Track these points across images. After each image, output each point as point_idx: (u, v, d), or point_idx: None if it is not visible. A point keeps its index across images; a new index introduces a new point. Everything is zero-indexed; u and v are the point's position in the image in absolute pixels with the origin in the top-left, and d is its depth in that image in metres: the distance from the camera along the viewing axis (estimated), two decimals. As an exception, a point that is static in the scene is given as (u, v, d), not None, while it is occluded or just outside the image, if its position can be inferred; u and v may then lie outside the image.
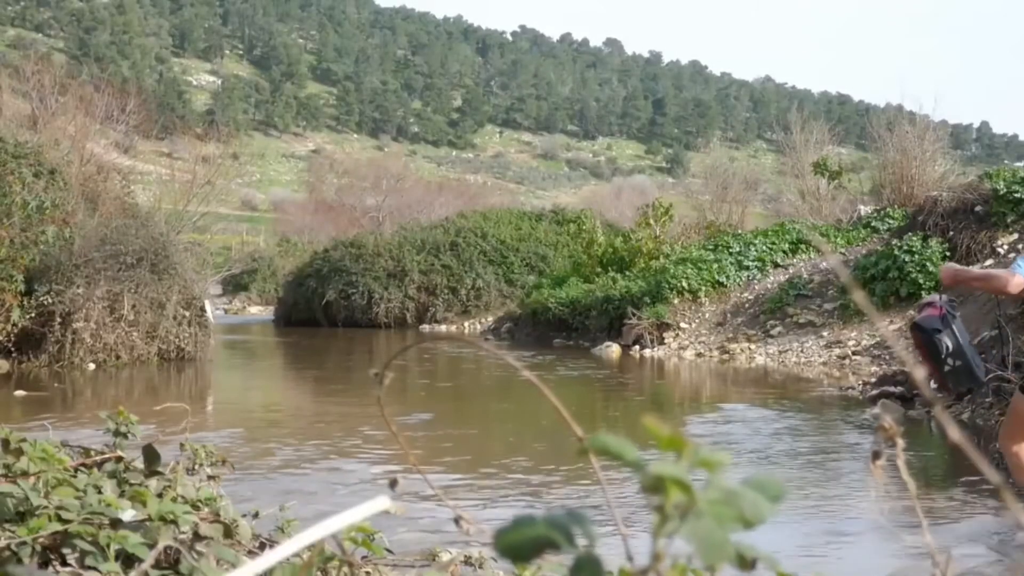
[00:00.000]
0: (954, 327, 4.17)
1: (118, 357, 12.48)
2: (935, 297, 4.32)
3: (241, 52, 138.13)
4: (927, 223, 14.30)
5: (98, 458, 2.02)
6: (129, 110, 25.46)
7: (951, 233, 13.88)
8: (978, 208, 13.94)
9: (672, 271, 16.72)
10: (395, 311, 23.98)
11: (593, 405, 10.10)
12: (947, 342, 4.14)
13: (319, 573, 1.65)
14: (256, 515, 2.21)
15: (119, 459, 2.00)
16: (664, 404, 9.93)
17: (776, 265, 17.03)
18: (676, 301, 16.26)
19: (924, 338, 4.24)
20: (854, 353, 12.94)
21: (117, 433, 2.07)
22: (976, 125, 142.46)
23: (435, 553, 2.25)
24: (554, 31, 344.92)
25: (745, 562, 0.61)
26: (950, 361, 4.17)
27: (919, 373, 0.75)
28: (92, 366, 12.19)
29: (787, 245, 17.51)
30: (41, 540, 1.56)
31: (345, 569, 1.59)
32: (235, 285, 38.37)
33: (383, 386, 0.92)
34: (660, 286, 16.45)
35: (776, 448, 6.98)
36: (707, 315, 16.18)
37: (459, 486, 5.62)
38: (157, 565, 1.57)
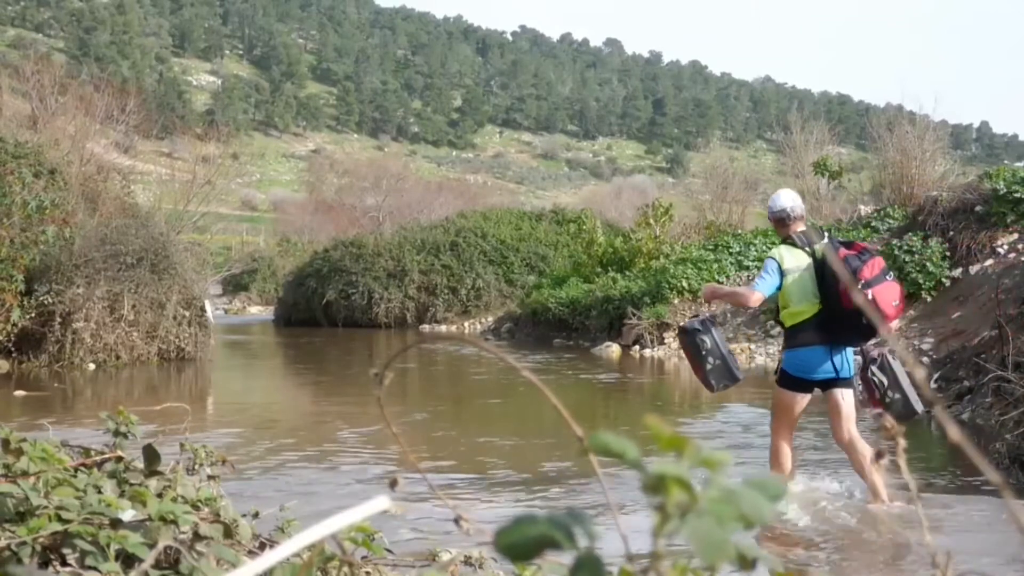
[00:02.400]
0: (713, 332, 4.92)
1: (118, 357, 12.48)
2: (703, 315, 5.20)
3: (241, 52, 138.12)
4: (927, 223, 14.30)
5: (98, 458, 2.02)
6: (129, 110, 25.44)
7: (951, 233, 13.89)
8: (978, 208, 13.94)
9: (672, 271, 16.72)
10: (395, 311, 23.97)
11: (593, 405, 10.10)
12: (706, 342, 4.91)
13: (319, 573, 1.65)
14: (256, 515, 2.21)
15: (119, 459, 2.00)
16: (664, 404, 9.93)
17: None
18: (676, 301, 16.26)
19: (687, 339, 5.02)
20: (854, 353, 12.93)
21: (117, 433, 2.07)
22: (976, 125, 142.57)
23: (435, 553, 2.25)
24: (554, 31, 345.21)
25: (745, 562, 0.61)
26: (710, 360, 4.91)
27: (919, 373, 0.75)
28: (92, 366, 12.19)
29: (787, 245, 17.50)
30: (41, 540, 1.56)
31: (345, 569, 1.59)
32: (235, 285, 38.36)
33: (383, 386, 0.92)
34: (660, 286, 16.46)
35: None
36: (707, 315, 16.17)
37: (459, 486, 5.62)
38: (157, 565, 1.57)
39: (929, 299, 13.40)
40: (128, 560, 1.57)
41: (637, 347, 15.61)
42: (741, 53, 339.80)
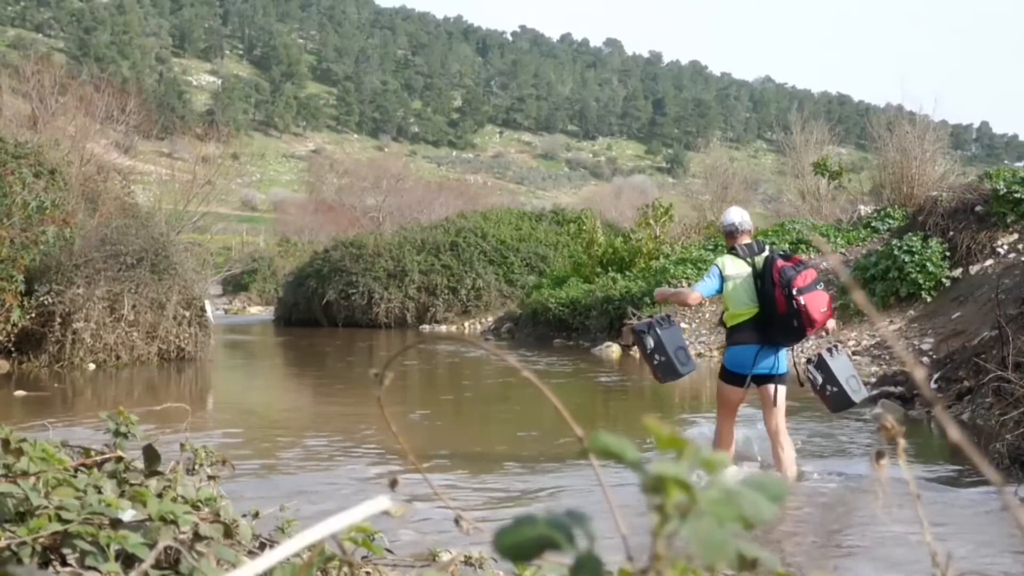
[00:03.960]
0: (659, 331, 5.59)
1: (118, 357, 12.48)
2: (657, 316, 5.81)
3: (241, 52, 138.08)
4: (927, 223, 14.30)
5: (98, 458, 2.02)
6: (129, 110, 25.46)
7: (951, 233, 13.88)
8: (978, 208, 13.94)
9: (672, 271, 16.72)
10: (395, 311, 23.97)
11: (593, 405, 10.10)
12: (650, 341, 5.59)
13: (319, 573, 1.65)
14: (256, 515, 2.21)
15: (119, 459, 2.00)
16: (664, 404, 9.93)
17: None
18: (676, 301, 16.23)
19: (636, 338, 5.77)
20: (854, 353, 12.94)
21: (117, 433, 2.07)
22: (976, 125, 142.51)
23: (435, 553, 2.25)
24: (554, 31, 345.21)
25: (745, 562, 0.61)
26: (656, 356, 5.61)
27: (919, 373, 0.75)
28: (92, 366, 12.19)
29: (787, 245, 17.50)
30: (41, 540, 1.56)
31: (345, 569, 1.59)
32: (235, 285, 38.35)
33: (383, 386, 0.92)
34: (660, 286, 16.45)
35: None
36: (707, 315, 16.18)
37: (459, 486, 5.62)
38: (157, 565, 1.57)
39: (929, 299, 13.40)
40: (128, 560, 1.57)
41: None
42: (741, 53, 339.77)
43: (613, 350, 15.63)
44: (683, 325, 16.03)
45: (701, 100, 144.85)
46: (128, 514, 1.64)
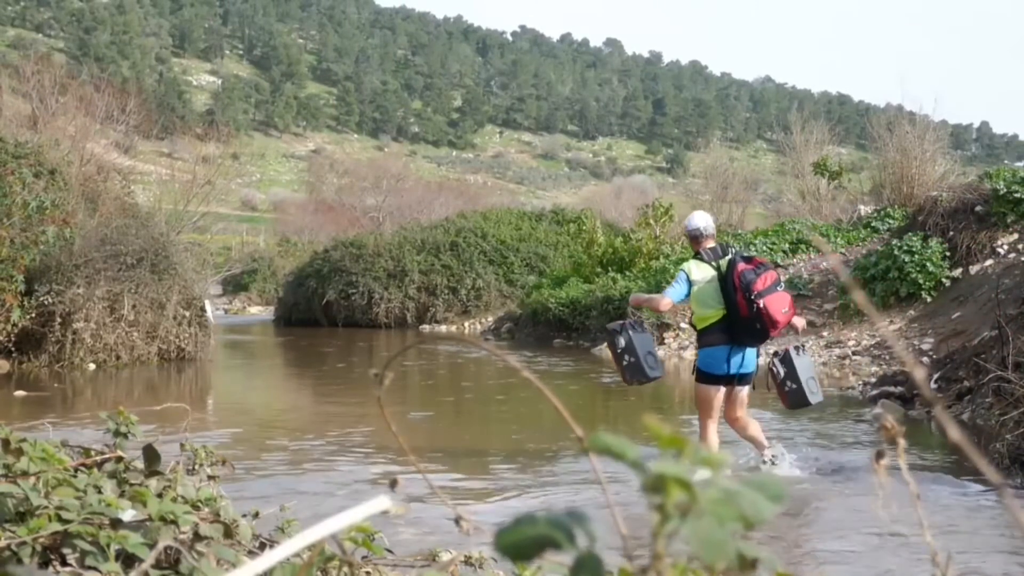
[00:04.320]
0: (631, 333, 5.73)
1: (118, 357, 12.48)
2: (631, 319, 6.02)
3: (241, 52, 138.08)
4: (927, 223, 14.30)
5: (98, 458, 2.02)
6: (129, 110, 25.46)
7: (951, 233, 13.88)
8: (978, 208, 13.94)
9: (672, 271, 16.69)
10: (395, 311, 23.96)
11: (593, 405, 10.10)
12: (621, 341, 5.73)
13: (319, 573, 1.65)
14: (256, 515, 2.21)
15: (119, 459, 2.00)
16: (664, 404, 9.93)
17: (776, 265, 16.98)
18: (676, 301, 16.24)
19: (608, 339, 5.95)
20: (854, 353, 12.94)
21: (117, 433, 2.07)
22: (976, 125, 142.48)
23: (435, 553, 2.25)
24: (554, 31, 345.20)
25: (745, 562, 0.61)
26: (626, 357, 5.74)
27: (919, 373, 0.75)
28: (92, 366, 12.19)
29: (787, 245, 17.51)
30: (41, 540, 1.56)
31: (345, 569, 1.59)
32: (235, 285, 38.34)
33: (383, 386, 0.92)
34: (660, 286, 16.43)
35: (776, 449, 6.98)
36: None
37: (459, 486, 5.62)
38: (157, 565, 1.57)
39: (929, 299, 13.40)
40: (128, 560, 1.57)
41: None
42: (741, 53, 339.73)
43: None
44: (683, 325, 16.04)
45: (701, 100, 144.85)
46: (128, 514, 1.64)
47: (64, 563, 1.57)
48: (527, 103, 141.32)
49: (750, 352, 5.73)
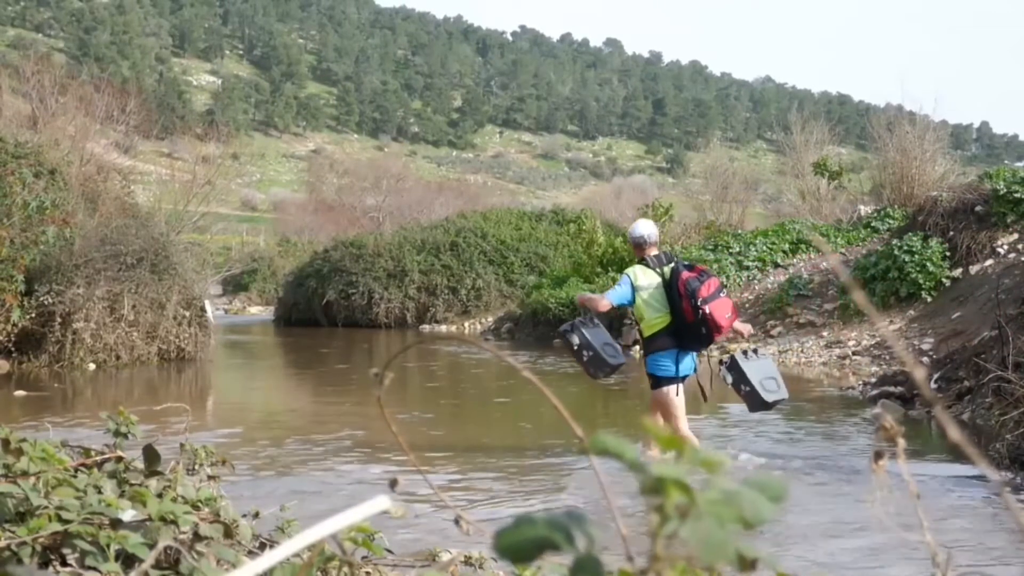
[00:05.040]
0: (584, 330, 5.94)
1: (118, 357, 12.48)
2: (580, 319, 6.15)
3: (241, 52, 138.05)
4: (927, 223, 14.29)
5: (98, 458, 2.02)
6: (129, 110, 25.45)
7: (951, 233, 13.88)
8: (978, 208, 13.94)
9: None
10: (395, 311, 23.97)
11: (593, 405, 10.10)
12: (575, 339, 5.92)
13: (319, 573, 1.65)
14: (256, 515, 2.21)
15: (119, 459, 2.00)
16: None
17: (776, 265, 17.04)
18: (676, 301, 16.25)
19: (562, 340, 6.16)
20: (854, 353, 12.94)
21: (117, 433, 2.07)
22: (976, 125, 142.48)
23: (435, 553, 2.25)
24: (554, 31, 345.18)
25: (745, 562, 0.61)
26: (584, 352, 5.91)
27: (919, 373, 0.75)
28: (92, 366, 12.18)
29: (787, 245, 17.51)
30: (41, 540, 1.56)
31: (345, 569, 1.59)
32: (235, 285, 38.34)
33: (383, 386, 0.92)
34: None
35: (776, 449, 6.99)
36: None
37: (459, 486, 5.62)
38: (157, 565, 1.57)
39: (929, 299, 13.40)
40: (128, 560, 1.57)
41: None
42: (741, 53, 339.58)
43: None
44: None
45: (701, 100, 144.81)
46: (128, 514, 1.64)
47: (64, 563, 1.57)
48: (527, 103, 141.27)
49: (693, 357, 6.00)
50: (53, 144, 17.79)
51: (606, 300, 5.98)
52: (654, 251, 6.08)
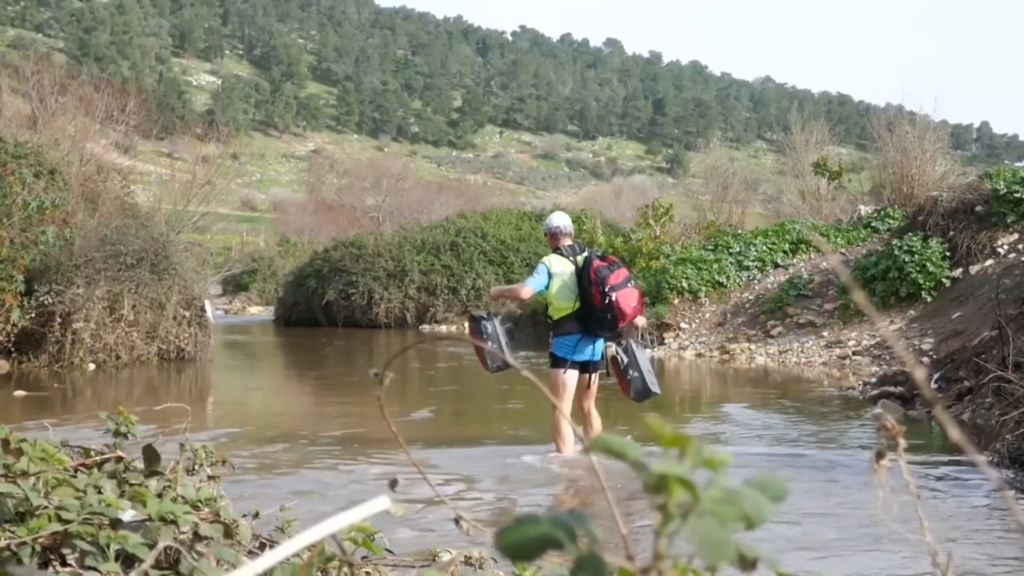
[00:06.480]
0: (496, 322, 6.27)
1: (118, 357, 12.47)
2: (490, 311, 6.52)
3: (241, 52, 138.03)
4: (927, 223, 14.30)
5: (98, 458, 2.02)
6: (129, 110, 25.44)
7: (951, 233, 13.89)
8: (978, 208, 13.95)
9: (672, 271, 16.71)
10: (395, 311, 23.96)
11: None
12: (488, 328, 6.22)
13: (319, 573, 1.65)
14: (256, 515, 2.21)
15: (119, 459, 2.00)
16: (664, 404, 9.92)
17: (776, 265, 17.04)
18: (676, 301, 16.26)
19: (473, 326, 6.39)
20: (854, 353, 12.94)
21: (117, 433, 2.07)
22: (976, 125, 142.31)
23: (435, 553, 2.25)
24: (554, 31, 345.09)
25: (746, 562, 0.61)
26: (489, 344, 6.12)
27: (919, 373, 0.75)
28: (92, 366, 12.18)
29: (787, 245, 17.51)
30: (41, 540, 1.56)
31: (345, 569, 1.59)
32: (235, 285, 38.31)
33: (383, 386, 0.92)
34: (660, 286, 16.45)
35: (776, 449, 6.99)
36: (707, 315, 16.19)
37: (458, 486, 5.62)
38: (157, 565, 1.57)
39: (929, 299, 13.40)
40: (128, 560, 1.57)
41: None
42: (741, 53, 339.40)
43: (612, 350, 15.60)
44: (683, 325, 16.07)
45: (701, 100, 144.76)
46: (128, 514, 1.64)
47: (64, 563, 1.57)
48: (527, 103, 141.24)
49: (599, 343, 6.29)
50: (53, 144, 17.78)
51: (528, 288, 6.21)
52: (568, 241, 6.37)
